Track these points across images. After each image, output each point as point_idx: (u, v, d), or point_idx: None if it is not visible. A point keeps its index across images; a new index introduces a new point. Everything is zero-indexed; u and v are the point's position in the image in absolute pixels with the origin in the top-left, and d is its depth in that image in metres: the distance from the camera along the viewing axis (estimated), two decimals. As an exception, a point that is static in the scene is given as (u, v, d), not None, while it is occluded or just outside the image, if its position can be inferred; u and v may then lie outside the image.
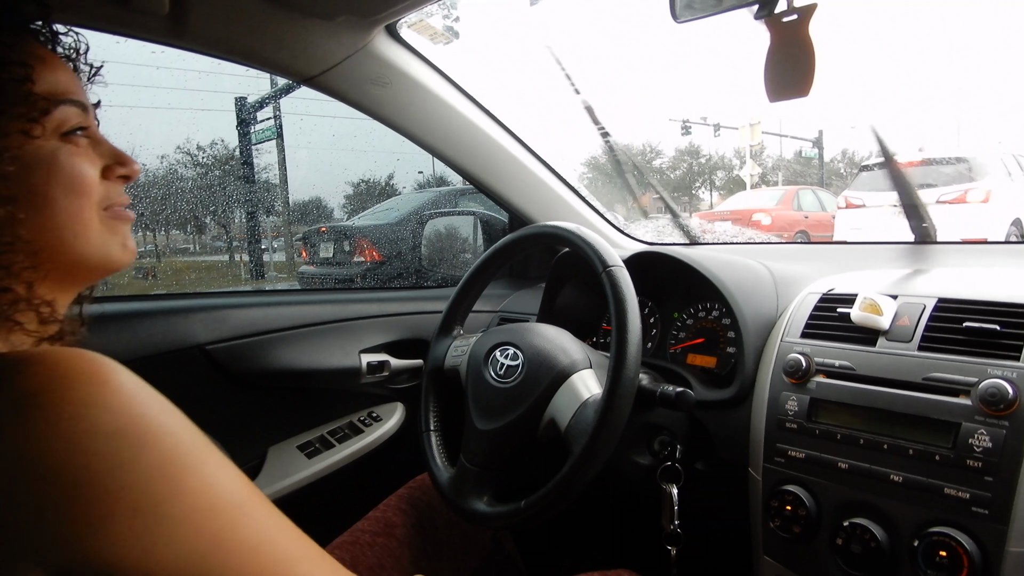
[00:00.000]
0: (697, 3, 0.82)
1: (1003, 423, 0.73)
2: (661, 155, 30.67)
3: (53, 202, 0.56)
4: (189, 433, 0.48)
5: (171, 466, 0.45)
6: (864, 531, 0.79)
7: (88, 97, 0.63)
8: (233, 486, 0.49)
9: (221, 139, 7.27)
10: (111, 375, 0.46)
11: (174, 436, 0.47)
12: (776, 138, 23.60)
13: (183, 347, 1.18)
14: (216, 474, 0.48)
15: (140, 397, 0.47)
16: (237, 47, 1.13)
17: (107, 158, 0.62)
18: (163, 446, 0.45)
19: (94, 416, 0.43)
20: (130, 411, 0.45)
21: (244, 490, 0.49)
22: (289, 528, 0.51)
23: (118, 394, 0.45)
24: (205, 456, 0.48)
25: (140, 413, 0.46)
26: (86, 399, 0.44)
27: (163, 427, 0.46)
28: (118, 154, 0.63)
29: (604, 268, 0.89)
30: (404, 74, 1.29)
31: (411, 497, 1.09)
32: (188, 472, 0.46)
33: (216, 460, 0.49)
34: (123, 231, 0.63)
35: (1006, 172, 6.98)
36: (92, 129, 0.62)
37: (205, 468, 0.47)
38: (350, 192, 9.69)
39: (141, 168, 0.64)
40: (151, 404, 0.47)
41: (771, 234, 8.59)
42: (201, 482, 0.46)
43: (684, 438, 1.02)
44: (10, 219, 0.52)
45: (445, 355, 1.08)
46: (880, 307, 0.88)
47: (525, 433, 0.90)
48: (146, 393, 0.47)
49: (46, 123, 0.56)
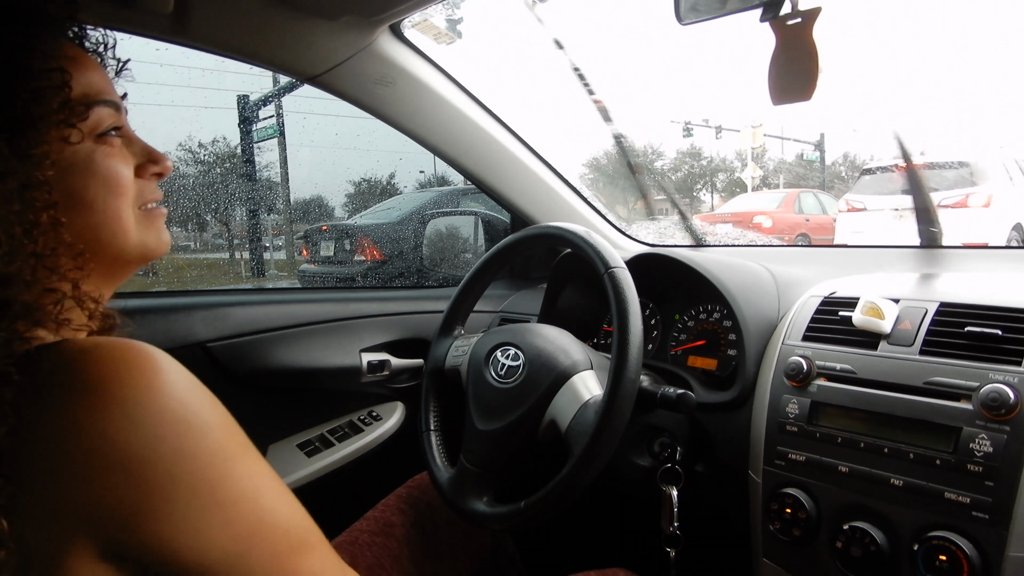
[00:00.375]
0: (701, 5, 0.82)
1: (1004, 428, 0.73)
2: (663, 157, 30.67)
3: (92, 204, 0.57)
4: (233, 424, 0.52)
5: (224, 454, 0.49)
6: (864, 535, 0.79)
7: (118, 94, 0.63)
8: (269, 473, 0.53)
9: (223, 136, 7.26)
10: (167, 365, 0.49)
11: (224, 427, 0.50)
12: (778, 141, 23.60)
13: (184, 345, 1.18)
14: (258, 461, 0.52)
15: (197, 388, 0.50)
16: (241, 45, 1.14)
17: (140, 156, 0.63)
18: (218, 435, 0.49)
19: (161, 404, 0.46)
20: (190, 401, 0.48)
21: (275, 477, 0.54)
22: (307, 515, 0.57)
23: (177, 384, 0.48)
24: (247, 444, 0.52)
25: (199, 402, 0.49)
26: (152, 387, 0.46)
27: (216, 417, 0.50)
28: (150, 152, 0.64)
29: (606, 269, 0.89)
30: (407, 74, 1.29)
31: (410, 497, 1.09)
32: (236, 460, 0.50)
33: (253, 449, 0.53)
34: (157, 225, 0.65)
35: (1007, 177, 6.97)
36: (125, 128, 0.62)
37: (248, 456, 0.51)
38: (352, 191, 9.69)
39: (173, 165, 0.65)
40: (205, 395, 0.50)
41: (772, 237, 8.58)
42: (247, 468, 0.50)
43: (684, 440, 1.02)
44: (53, 223, 0.53)
45: (446, 355, 1.08)
46: (882, 311, 0.89)
47: (525, 434, 0.90)
48: (196, 385, 0.50)
49: (82, 126, 0.56)
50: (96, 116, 0.57)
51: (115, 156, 0.59)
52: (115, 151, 0.59)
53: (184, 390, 0.48)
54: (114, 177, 0.58)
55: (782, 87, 0.83)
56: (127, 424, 0.44)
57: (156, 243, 0.64)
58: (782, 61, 0.81)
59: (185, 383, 0.49)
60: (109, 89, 0.61)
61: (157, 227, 0.65)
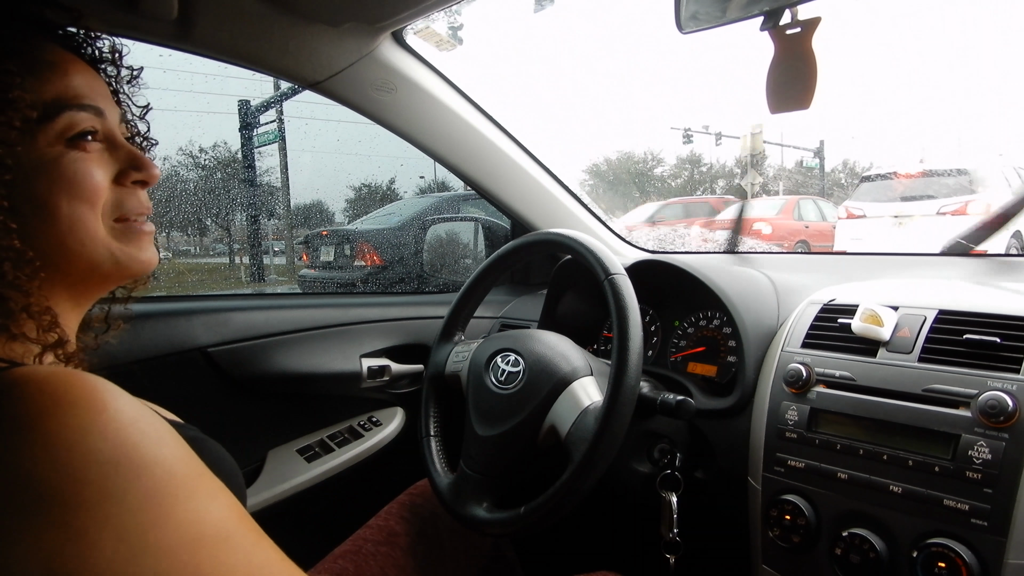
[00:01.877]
0: (702, 14, 0.83)
1: (1003, 435, 0.73)
2: (663, 163, 30.73)
3: (56, 210, 0.55)
4: (183, 462, 0.48)
5: (161, 496, 0.45)
6: (863, 541, 0.80)
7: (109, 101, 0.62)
8: (221, 515, 0.48)
9: (224, 141, 7.28)
10: (109, 401, 0.46)
11: (166, 466, 0.46)
12: (777, 148, 23.61)
13: (184, 349, 1.18)
14: (206, 505, 0.48)
15: (138, 425, 0.47)
16: (244, 51, 1.14)
17: (122, 163, 0.61)
18: (155, 476, 0.45)
19: (89, 444, 0.43)
20: (125, 440, 0.45)
21: (232, 520, 0.49)
22: (276, 560, 0.51)
23: (114, 422, 0.45)
24: (196, 486, 0.48)
25: (135, 442, 0.45)
26: (83, 426, 0.44)
27: (157, 457, 0.46)
28: (135, 158, 0.61)
29: (606, 276, 0.90)
30: (409, 80, 1.30)
31: (413, 504, 1.09)
32: (176, 503, 0.46)
33: (207, 489, 0.49)
34: (139, 240, 0.62)
35: (1007, 184, 6.98)
36: (110, 133, 0.61)
37: (194, 499, 0.47)
38: (352, 196, 9.71)
39: (160, 173, 0.63)
40: (147, 432, 0.47)
41: (771, 243, 8.59)
42: (189, 514, 0.46)
43: (684, 446, 1.02)
44: (3, 228, 0.51)
45: (446, 361, 1.08)
46: (881, 318, 0.89)
47: (525, 440, 0.90)
48: (144, 421, 0.47)
49: (49, 129, 0.55)
50: (67, 119, 0.56)
51: (87, 161, 0.57)
52: (88, 156, 0.57)
53: (121, 429, 0.45)
54: (80, 182, 0.56)
55: (780, 96, 0.83)
56: (50, 464, 0.42)
57: (133, 259, 0.61)
58: (781, 70, 0.81)
59: (125, 421, 0.46)
60: (91, 94, 0.59)
61: (138, 242, 0.62)
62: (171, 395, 0.92)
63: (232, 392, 1.24)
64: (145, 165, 0.62)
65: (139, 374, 0.96)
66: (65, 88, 0.57)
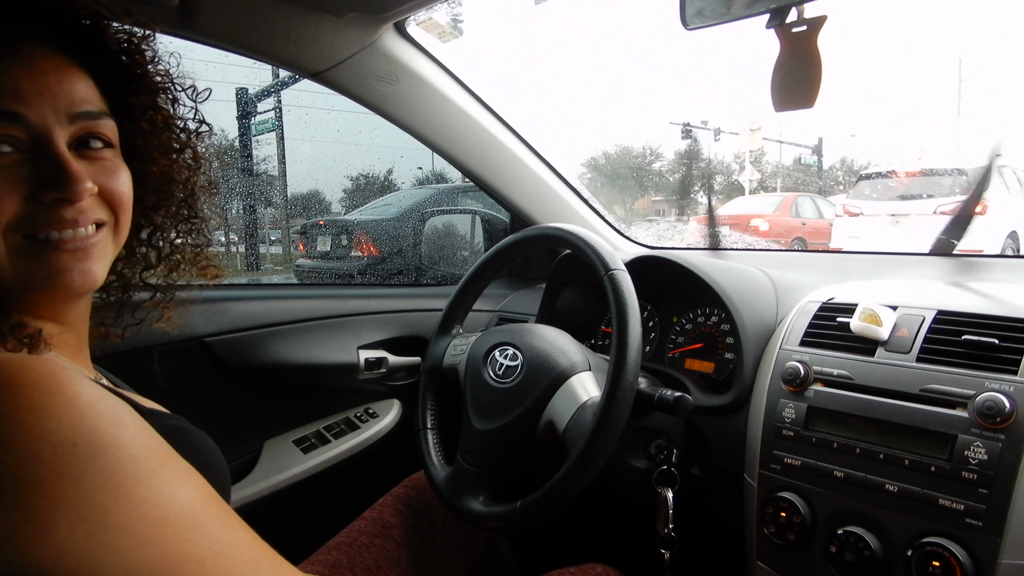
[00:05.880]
0: (707, 11, 0.82)
1: (999, 436, 0.74)
2: (661, 158, 30.72)
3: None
4: (144, 444, 0.48)
5: (120, 477, 0.45)
6: (858, 540, 0.80)
7: (35, 105, 0.55)
8: (187, 497, 0.48)
9: (221, 129, 7.24)
10: (66, 385, 0.46)
11: (126, 448, 0.46)
12: (776, 144, 23.64)
13: (181, 339, 1.17)
14: (169, 486, 0.48)
15: (96, 408, 0.46)
16: (246, 40, 1.13)
17: (42, 178, 0.54)
18: (114, 457, 0.45)
19: (44, 425, 0.44)
20: (83, 422, 0.45)
21: (199, 502, 0.49)
22: (246, 540, 0.51)
23: (72, 404, 0.45)
24: (159, 468, 0.48)
25: (93, 425, 0.45)
26: (38, 408, 0.44)
27: (116, 439, 0.46)
28: (58, 175, 0.54)
29: (606, 271, 0.90)
30: (411, 72, 1.29)
31: (407, 497, 1.09)
32: (138, 484, 0.46)
33: (172, 472, 0.49)
34: (53, 259, 0.56)
35: (1004, 185, 7.01)
36: (40, 140, 0.55)
37: (157, 480, 0.47)
38: (349, 187, 9.67)
39: (89, 189, 0.56)
40: (105, 414, 0.47)
41: (768, 240, 8.60)
42: (151, 494, 0.46)
43: (681, 443, 1.02)
44: None
45: (444, 354, 1.08)
46: (880, 318, 0.89)
47: (523, 434, 0.90)
48: (103, 404, 0.47)
49: None
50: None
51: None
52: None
53: (78, 411, 0.45)
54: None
55: (785, 94, 0.83)
56: (3, 446, 0.42)
57: (37, 279, 0.56)
58: (786, 68, 0.81)
59: (83, 403, 0.46)
60: (13, 95, 0.53)
61: (54, 262, 0.55)
62: (168, 384, 0.91)
63: (229, 382, 1.24)
64: (66, 183, 0.54)
65: (136, 362, 0.96)
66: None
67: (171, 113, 0.71)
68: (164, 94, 0.70)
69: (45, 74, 0.56)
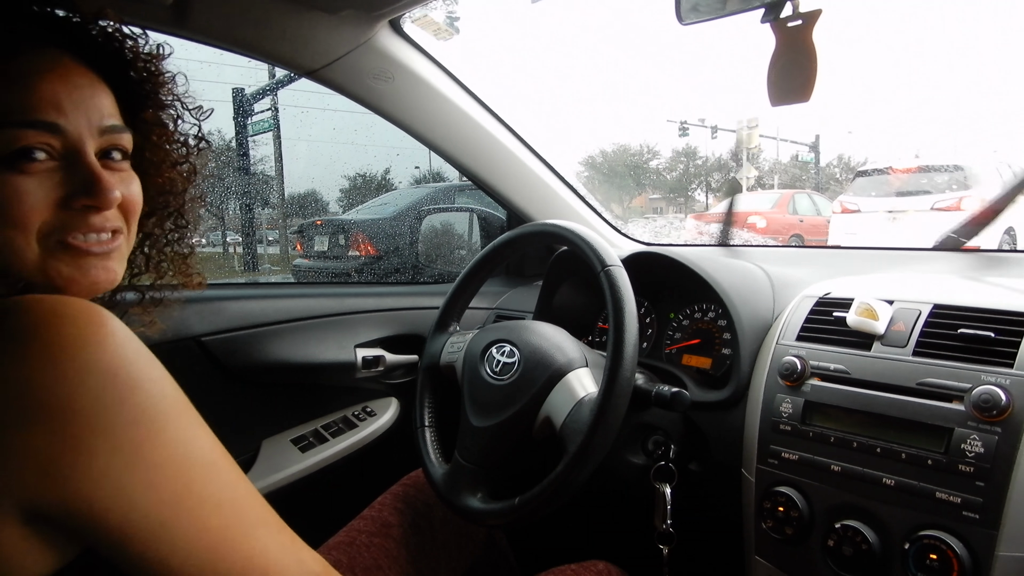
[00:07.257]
0: (703, 6, 0.82)
1: (996, 429, 0.74)
2: (658, 156, 30.73)
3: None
4: (172, 386, 0.50)
5: (154, 412, 0.47)
6: (856, 533, 0.80)
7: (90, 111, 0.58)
8: (207, 444, 0.51)
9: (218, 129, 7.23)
10: (106, 319, 0.48)
11: (159, 385, 0.49)
12: (773, 141, 23.67)
13: (178, 338, 1.17)
14: (193, 429, 0.51)
15: (132, 344, 0.48)
16: (240, 38, 1.13)
17: (74, 186, 0.57)
18: (149, 393, 0.47)
19: (88, 354, 0.45)
20: (122, 355, 0.47)
21: (217, 450, 0.52)
22: (254, 495, 0.54)
23: (112, 337, 0.47)
24: (185, 410, 0.50)
25: (131, 359, 0.47)
26: (83, 337, 0.45)
27: (150, 375, 0.48)
28: (91, 183, 0.57)
29: (603, 268, 0.89)
30: (407, 69, 1.29)
31: (406, 495, 1.09)
32: (169, 422, 0.48)
33: (193, 417, 0.51)
34: (82, 261, 0.58)
35: (1001, 180, 7.02)
36: (72, 149, 0.57)
37: (184, 421, 0.50)
38: (347, 186, 9.67)
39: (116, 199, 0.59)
40: (140, 352, 0.49)
41: (766, 237, 8.61)
42: (180, 433, 0.49)
43: (678, 438, 1.03)
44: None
45: (441, 351, 1.08)
46: (876, 312, 0.89)
47: (520, 431, 0.90)
48: (136, 342, 0.49)
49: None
50: (7, 137, 0.53)
51: (21, 181, 0.54)
52: (25, 177, 0.54)
53: (118, 346, 0.47)
54: (8, 205, 0.53)
55: (781, 88, 0.83)
56: (49, 372, 0.43)
57: (72, 282, 0.58)
58: (782, 62, 0.81)
59: (122, 340, 0.47)
60: (46, 108, 0.55)
61: (81, 263, 0.58)
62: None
63: (226, 381, 1.24)
64: (98, 192, 0.57)
65: None
66: (8, 103, 0.54)
67: (176, 128, 0.74)
68: (172, 111, 0.73)
69: (80, 88, 0.58)
